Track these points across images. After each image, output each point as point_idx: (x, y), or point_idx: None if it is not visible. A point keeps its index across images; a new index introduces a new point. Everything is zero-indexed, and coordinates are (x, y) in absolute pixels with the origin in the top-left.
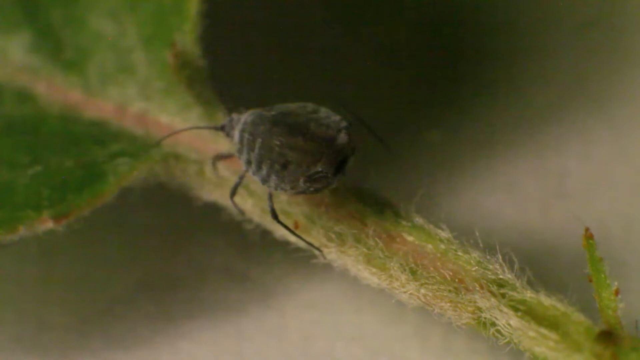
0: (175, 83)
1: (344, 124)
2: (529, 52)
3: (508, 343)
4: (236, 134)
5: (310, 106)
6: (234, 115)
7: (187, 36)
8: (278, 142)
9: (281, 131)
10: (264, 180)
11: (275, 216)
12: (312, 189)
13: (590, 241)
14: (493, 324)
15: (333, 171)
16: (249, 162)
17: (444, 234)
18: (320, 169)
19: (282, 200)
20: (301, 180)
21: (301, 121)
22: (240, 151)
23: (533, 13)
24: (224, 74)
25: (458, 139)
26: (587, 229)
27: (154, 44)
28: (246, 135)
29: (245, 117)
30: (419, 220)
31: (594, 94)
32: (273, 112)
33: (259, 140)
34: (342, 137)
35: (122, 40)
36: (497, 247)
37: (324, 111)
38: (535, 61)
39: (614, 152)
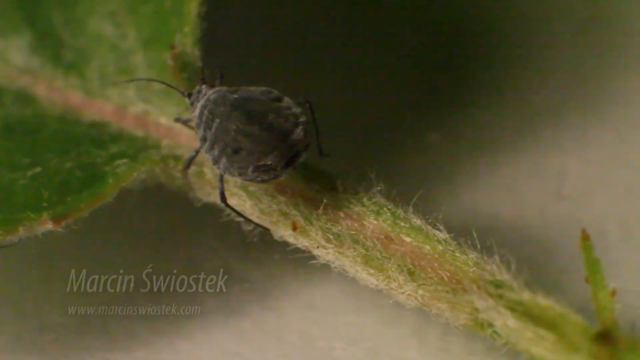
0: (175, 85)
1: (302, 118)
2: (527, 53)
3: (505, 344)
4: (198, 107)
5: (274, 93)
6: (204, 87)
7: (187, 38)
8: (234, 127)
9: (239, 116)
10: (215, 161)
11: (223, 199)
12: (259, 179)
13: (587, 242)
14: (490, 325)
15: (283, 165)
16: (204, 139)
17: (442, 235)
18: (270, 161)
19: (281, 201)
20: (250, 169)
21: (261, 110)
22: (198, 126)
23: (532, 13)
24: (224, 74)
25: (456, 140)
26: (583, 230)
27: (153, 45)
28: (206, 113)
29: (209, 94)
30: (416, 221)
31: (592, 95)
32: (236, 95)
33: (217, 120)
34: (298, 133)
35: (122, 42)
36: (495, 248)
37: (286, 101)
38: (534, 62)
39: (612, 153)
